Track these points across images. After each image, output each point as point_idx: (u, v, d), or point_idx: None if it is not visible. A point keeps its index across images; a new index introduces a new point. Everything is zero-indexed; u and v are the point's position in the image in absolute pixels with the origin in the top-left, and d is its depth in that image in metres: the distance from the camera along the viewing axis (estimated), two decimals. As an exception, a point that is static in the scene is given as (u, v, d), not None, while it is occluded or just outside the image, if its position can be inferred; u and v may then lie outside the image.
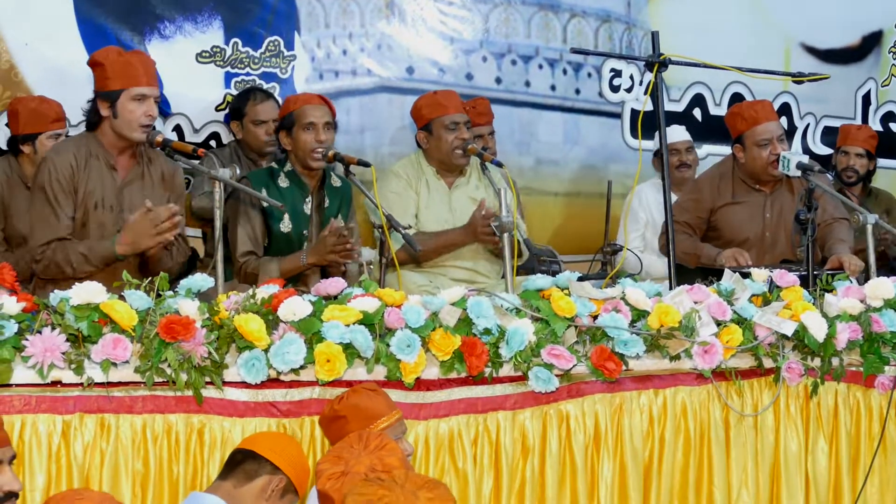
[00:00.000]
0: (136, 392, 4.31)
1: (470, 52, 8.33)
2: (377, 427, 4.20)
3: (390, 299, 4.59)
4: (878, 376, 5.20)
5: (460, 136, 6.42)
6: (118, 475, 4.27)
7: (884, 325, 5.16)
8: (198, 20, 7.52)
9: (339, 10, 7.92)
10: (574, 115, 8.68)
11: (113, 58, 5.52)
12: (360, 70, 8.01)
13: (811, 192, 5.63)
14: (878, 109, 9.64)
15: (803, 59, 9.22)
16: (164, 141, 5.47)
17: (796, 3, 9.22)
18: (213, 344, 4.31)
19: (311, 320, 4.43)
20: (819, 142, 9.41)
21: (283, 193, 6.00)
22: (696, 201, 6.91)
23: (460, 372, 4.62)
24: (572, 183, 8.59)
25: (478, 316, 4.62)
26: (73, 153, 5.50)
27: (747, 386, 5.07)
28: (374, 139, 8.02)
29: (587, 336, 4.81)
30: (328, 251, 5.76)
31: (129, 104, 5.45)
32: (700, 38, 8.31)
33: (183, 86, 7.35)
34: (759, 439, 5.09)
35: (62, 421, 4.22)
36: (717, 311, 4.95)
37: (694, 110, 8.92)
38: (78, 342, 4.21)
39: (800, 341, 5.03)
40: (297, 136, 6.04)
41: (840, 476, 5.19)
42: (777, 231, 6.76)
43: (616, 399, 4.90)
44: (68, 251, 5.34)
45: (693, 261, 6.57)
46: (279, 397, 4.47)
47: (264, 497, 4.02)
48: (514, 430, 4.75)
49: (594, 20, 8.67)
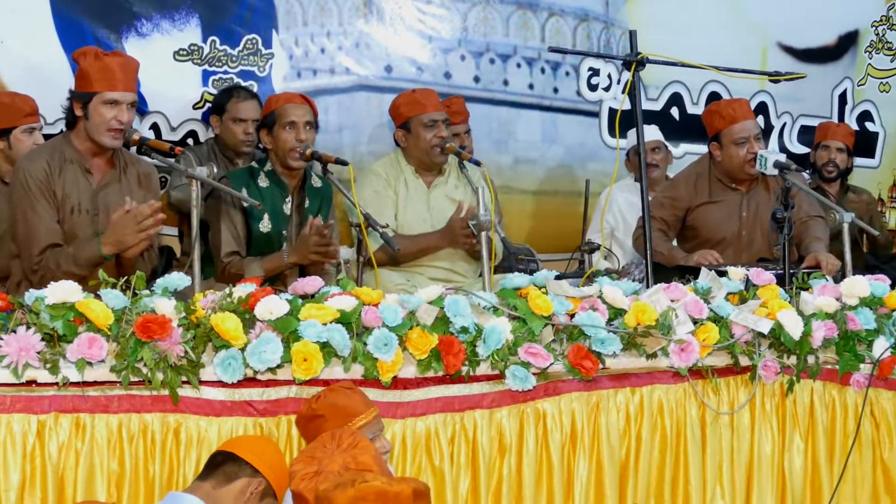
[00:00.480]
0: (111, 391, 4.29)
1: (448, 51, 8.33)
2: (354, 425, 4.20)
3: (367, 298, 4.59)
4: (854, 374, 5.21)
5: (439, 134, 6.42)
6: (93, 475, 4.25)
7: (859, 323, 5.18)
8: (175, 18, 7.50)
9: (317, 8, 7.91)
10: (552, 113, 8.69)
11: (91, 59, 5.49)
12: (338, 68, 8.01)
13: (788, 190, 5.64)
14: (854, 108, 9.68)
15: (780, 59, 9.26)
16: (140, 139, 5.46)
17: (773, 2, 9.26)
18: (190, 343, 4.29)
19: (288, 319, 4.42)
20: (796, 140, 9.45)
21: (262, 193, 5.99)
22: (673, 199, 6.92)
23: (437, 371, 4.62)
24: (550, 182, 8.60)
25: (455, 315, 4.62)
26: (47, 159, 5.48)
27: (724, 384, 5.08)
28: (353, 138, 8.02)
29: (564, 334, 4.81)
30: (310, 250, 5.76)
31: (100, 107, 5.43)
32: (678, 37, 8.34)
33: (160, 84, 7.33)
34: (736, 437, 5.10)
35: (37, 420, 4.20)
36: (693, 310, 4.96)
37: (671, 109, 8.95)
38: (53, 341, 4.19)
39: (776, 339, 5.04)
40: (277, 135, 6.04)
41: (816, 474, 5.21)
42: (753, 230, 6.78)
43: (593, 397, 4.90)
44: (59, 256, 5.32)
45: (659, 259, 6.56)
46: (256, 396, 4.46)
47: (243, 499, 4.01)
48: (491, 429, 4.74)
49: (572, 19, 8.69)
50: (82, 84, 5.48)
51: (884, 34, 9.79)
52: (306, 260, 5.81)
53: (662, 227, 6.80)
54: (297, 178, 6.15)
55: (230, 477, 4.01)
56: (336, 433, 4.08)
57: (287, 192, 6.11)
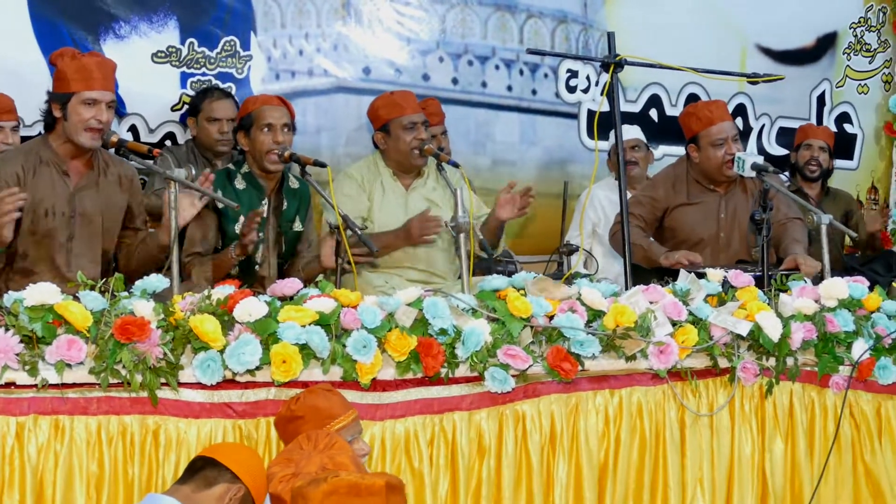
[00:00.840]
0: (90, 393, 4.28)
1: (426, 53, 8.34)
2: (333, 427, 4.20)
3: (346, 300, 4.58)
4: (833, 376, 5.22)
5: (418, 136, 6.42)
6: (72, 477, 4.24)
7: (838, 325, 5.19)
8: (153, 20, 7.49)
9: (295, 10, 7.91)
10: (530, 115, 8.71)
11: (67, 60, 5.49)
12: (316, 70, 8.01)
13: (766, 192, 5.65)
14: (832, 110, 9.71)
15: (759, 60, 9.28)
16: (119, 141, 5.45)
17: (752, 4, 9.28)
18: (169, 345, 4.29)
19: (267, 321, 4.41)
20: (774, 142, 9.48)
21: (239, 195, 5.98)
22: (652, 199, 6.92)
23: (416, 372, 4.62)
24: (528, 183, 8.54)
25: (434, 316, 4.62)
26: (21, 163, 5.48)
27: (703, 386, 5.09)
28: (331, 140, 8.02)
29: (543, 336, 4.82)
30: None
31: (78, 107, 5.43)
32: (656, 39, 8.35)
33: (138, 86, 7.32)
34: (715, 439, 5.10)
35: (16, 422, 4.19)
36: (672, 312, 4.97)
37: (650, 111, 8.97)
38: (32, 343, 4.18)
39: (755, 341, 5.05)
40: (254, 137, 6.04)
41: (797, 475, 5.21)
42: (731, 231, 6.79)
43: (572, 399, 4.90)
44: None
45: (638, 253, 6.57)
46: (235, 398, 4.45)
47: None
48: (470, 431, 4.74)
49: (551, 21, 8.70)
50: (60, 85, 5.47)
51: (862, 36, 9.84)
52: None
53: (640, 224, 6.80)
54: (275, 180, 6.15)
55: (210, 482, 4.00)
56: (312, 435, 4.08)
57: (263, 195, 6.10)
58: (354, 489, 3.72)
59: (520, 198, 6.29)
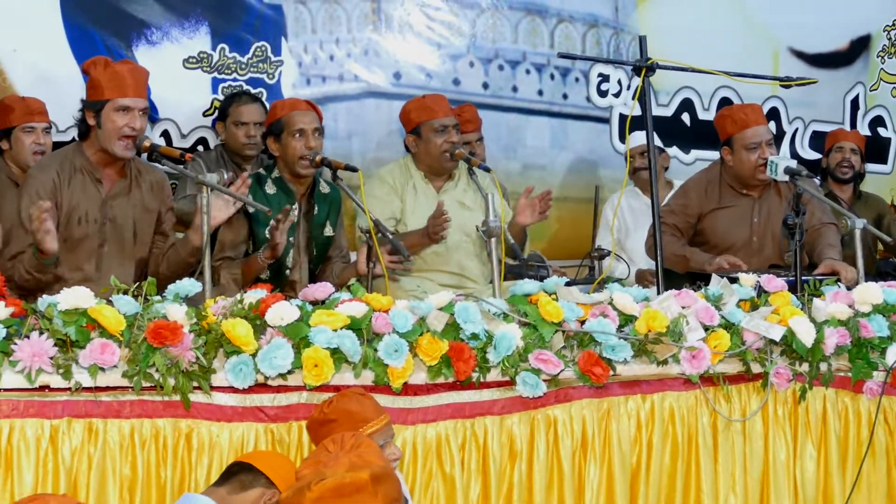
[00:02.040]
0: (123, 397, 4.30)
1: (457, 58, 8.34)
2: (365, 431, 4.20)
3: (378, 304, 4.58)
4: (867, 382, 5.18)
5: (449, 139, 6.43)
6: (106, 480, 4.26)
7: (872, 330, 5.15)
8: (185, 26, 7.54)
9: (325, 15, 7.93)
10: (561, 119, 8.69)
11: (100, 68, 5.53)
12: (347, 75, 8.03)
13: (799, 196, 5.61)
14: (866, 114, 9.64)
15: (792, 64, 9.22)
16: (151, 146, 5.47)
17: (784, 7, 9.22)
18: (201, 349, 4.30)
19: (299, 325, 4.42)
20: (808, 146, 9.42)
21: (269, 200, 5.99)
22: (685, 206, 6.89)
23: (448, 377, 4.61)
24: (560, 188, 8.57)
25: (465, 321, 4.61)
26: (56, 169, 5.51)
27: (735, 391, 5.05)
28: (362, 145, 8.03)
29: (575, 341, 4.80)
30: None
31: (112, 115, 5.46)
32: (688, 43, 8.33)
33: (170, 92, 7.36)
34: (747, 445, 5.08)
35: (50, 425, 4.21)
36: (704, 316, 4.94)
37: (682, 115, 8.92)
38: (66, 347, 4.19)
39: (788, 346, 5.02)
40: (286, 143, 6.04)
41: (829, 482, 5.17)
42: (764, 236, 6.75)
43: (603, 404, 4.89)
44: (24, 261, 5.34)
45: (682, 264, 6.56)
46: (267, 402, 4.46)
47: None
48: (501, 435, 4.73)
49: (581, 25, 8.68)
50: (93, 93, 5.51)
51: (896, 38, 9.77)
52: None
53: (675, 234, 6.77)
54: (305, 184, 6.15)
55: (245, 485, 4.00)
56: (338, 437, 4.08)
57: (294, 200, 6.11)
58: (340, 490, 3.73)
59: (538, 202, 6.29)
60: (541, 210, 6.30)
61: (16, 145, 6.59)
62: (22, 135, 6.57)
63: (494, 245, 5.57)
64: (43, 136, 6.61)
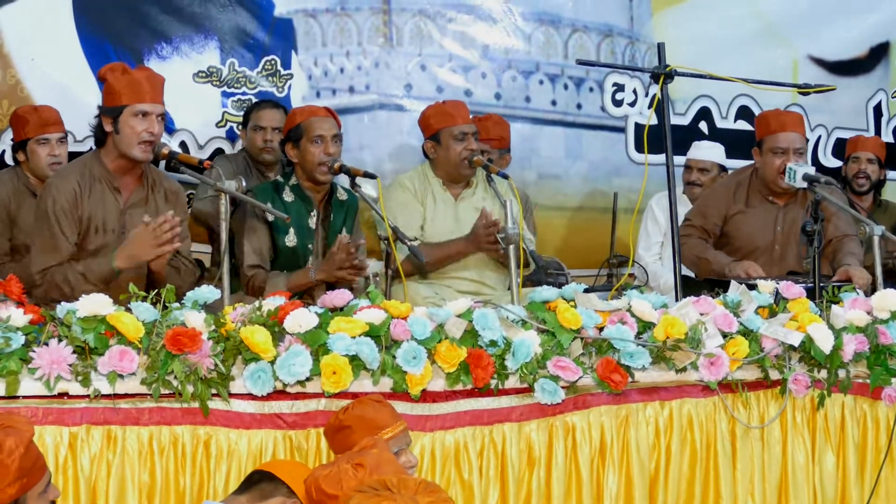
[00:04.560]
0: (142, 404, 4.31)
1: (469, 69, 8.35)
2: (381, 437, 4.18)
3: (396, 311, 4.58)
4: (885, 388, 5.17)
5: (468, 146, 6.41)
6: (125, 487, 4.27)
7: (890, 336, 5.14)
8: (195, 40, 7.59)
9: (336, 28, 7.95)
10: (576, 129, 8.68)
11: (118, 74, 5.53)
12: (357, 88, 8.04)
13: (818, 203, 5.60)
14: (890, 120, 9.58)
15: (811, 72, 9.14)
16: (170, 153, 5.48)
17: (803, 15, 9.17)
18: (220, 356, 4.31)
19: (317, 332, 4.42)
20: (830, 154, 9.35)
21: (287, 207, 5.98)
22: (711, 208, 6.87)
23: (466, 384, 4.61)
24: (575, 197, 8.57)
25: (483, 328, 4.61)
26: (77, 179, 5.50)
27: (753, 398, 5.05)
28: (373, 157, 8.04)
29: (593, 348, 4.80)
30: (336, 267, 5.75)
31: (130, 120, 5.45)
32: (705, 51, 8.28)
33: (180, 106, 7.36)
34: (766, 451, 5.07)
35: (69, 433, 4.23)
36: (723, 323, 4.94)
37: (700, 124, 8.89)
38: (84, 354, 4.21)
39: (806, 353, 5.02)
40: (305, 149, 6.04)
41: (847, 488, 5.17)
42: (787, 244, 6.72)
43: (622, 411, 4.89)
44: (66, 272, 5.34)
45: (704, 267, 6.54)
46: (285, 409, 4.46)
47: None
48: (519, 442, 4.73)
49: (596, 35, 8.67)
50: (111, 99, 5.50)
51: (916, 45, 9.70)
52: (333, 277, 5.78)
53: (703, 237, 6.76)
54: (323, 191, 6.15)
55: (266, 494, 3.99)
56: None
57: (312, 207, 6.11)
58: None
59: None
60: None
61: (32, 157, 6.60)
62: (37, 147, 6.58)
63: (513, 252, 5.57)
64: (58, 146, 6.62)
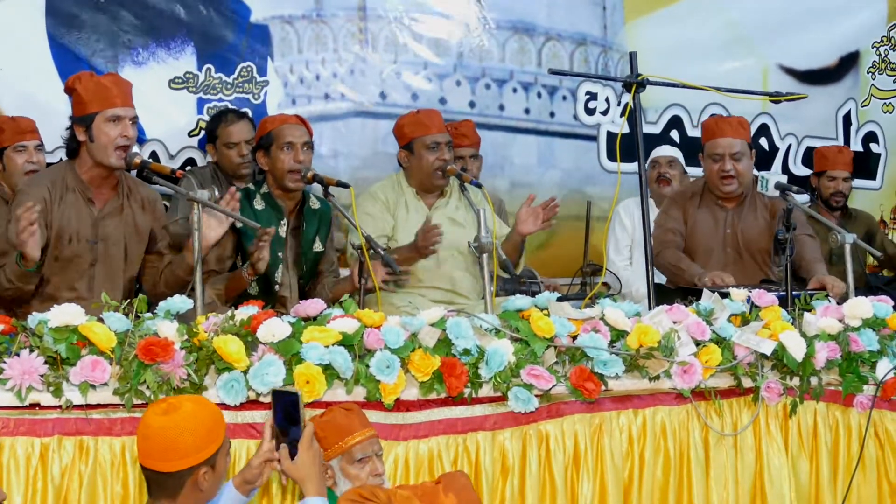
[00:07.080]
0: (114, 414, 4.30)
1: (443, 77, 8.35)
2: (348, 443, 4.17)
3: (369, 320, 4.58)
4: (857, 395, 5.20)
5: (441, 156, 6.41)
6: (96, 497, 4.26)
7: (862, 344, 5.17)
8: (171, 46, 7.55)
9: (312, 35, 7.94)
10: (548, 137, 8.69)
11: (86, 82, 5.50)
12: (333, 95, 8.04)
13: (790, 212, 5.62)
14: (859, 129, 9.63)
15: (782, 80, 9.19)
16: (142, 163, 5.45)
17: (773, 24, 9.21)
18: (193, 366, 4.30)
19: (291, 341, 4.42)
20: (800, 163, 9.39)
21: (258, 215, 5.97)
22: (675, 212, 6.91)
23: (440, 392, 4.61)
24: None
25: (457, 336, 4.61)
26: (48, 187, 5.47)
27: (727, 405, 5.07)
28: (347, 164, 8.04)
29: (567, 356, 4.81)
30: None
31: (103, 126, 5.42)
32: (677, 60, 8.32)
33: (156, 112, 7.36)
34: (739, 459, 5.08)
35: (40, 443, 4.21)
36: (696, 331, 4.95)
37: (671, 132, 8.92)
38: (56, 364, 4.19)
39: (779, 361, 5.03)
40: (275, 156, 6.03)
41: (820, 495, 5.18)
42: (738, 249, 6.78)
43: (595, 419, 4.89)
44: (6, 269, 5.32)
45: (679, 275, 6.56)
46: (259, 419, 4.45)
47: (201, 489, 3.80)
48: (493, 451, 4.74)
49: (570, 43, 8.69)
50: (81, 108, 5.47)
51: (886, 55, 9.73)
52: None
53: (677, 240, 6.79)
54: (294, 200, 6.14)
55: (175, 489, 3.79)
56: None
57: (282, 215, 6.10)
58: None
59: (542, 210, 6.28)
60: (545, 218, 6.29)
61: (9, 165, 6.56)
62: (14, 154, 6.54)
63: (486, 261, 5.57)
64: (35, 153, 6.59)
